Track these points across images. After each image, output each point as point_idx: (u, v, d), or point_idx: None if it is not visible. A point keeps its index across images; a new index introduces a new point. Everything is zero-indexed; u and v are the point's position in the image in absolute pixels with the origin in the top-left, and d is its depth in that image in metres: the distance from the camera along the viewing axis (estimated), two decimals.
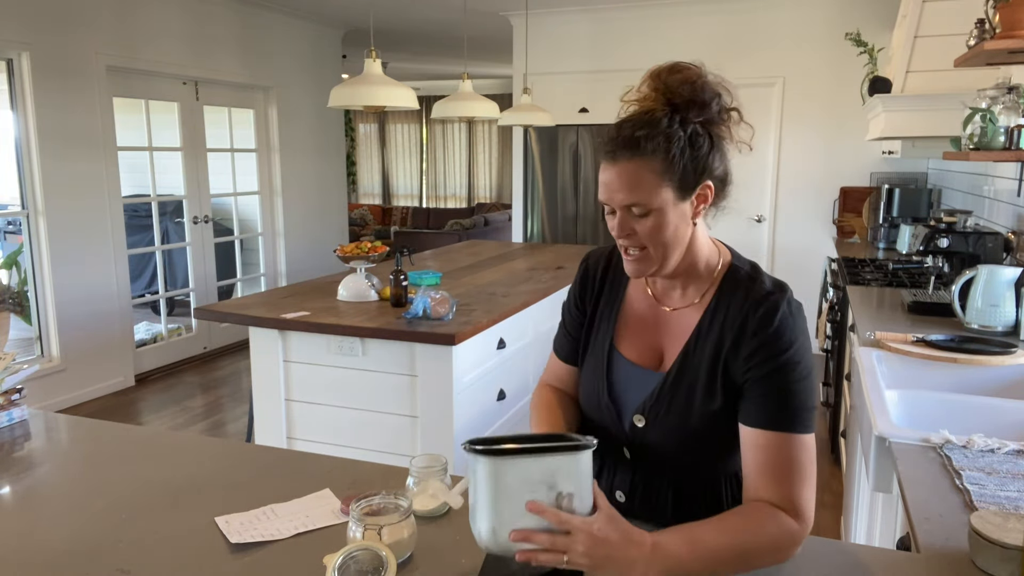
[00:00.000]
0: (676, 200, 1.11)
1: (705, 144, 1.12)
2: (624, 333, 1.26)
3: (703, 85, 1.14)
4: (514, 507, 0.95)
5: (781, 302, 1.12)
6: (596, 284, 1.31)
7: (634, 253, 1.15)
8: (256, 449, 1.56)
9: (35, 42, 4.40)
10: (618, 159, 1.10)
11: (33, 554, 1.11)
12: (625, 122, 1.12)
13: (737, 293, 1.15)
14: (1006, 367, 2.02)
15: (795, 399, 1.08)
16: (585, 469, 0.98)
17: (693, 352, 1.17)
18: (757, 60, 5.82)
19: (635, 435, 1.21)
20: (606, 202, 1.13)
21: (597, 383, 1.25)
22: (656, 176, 1.09)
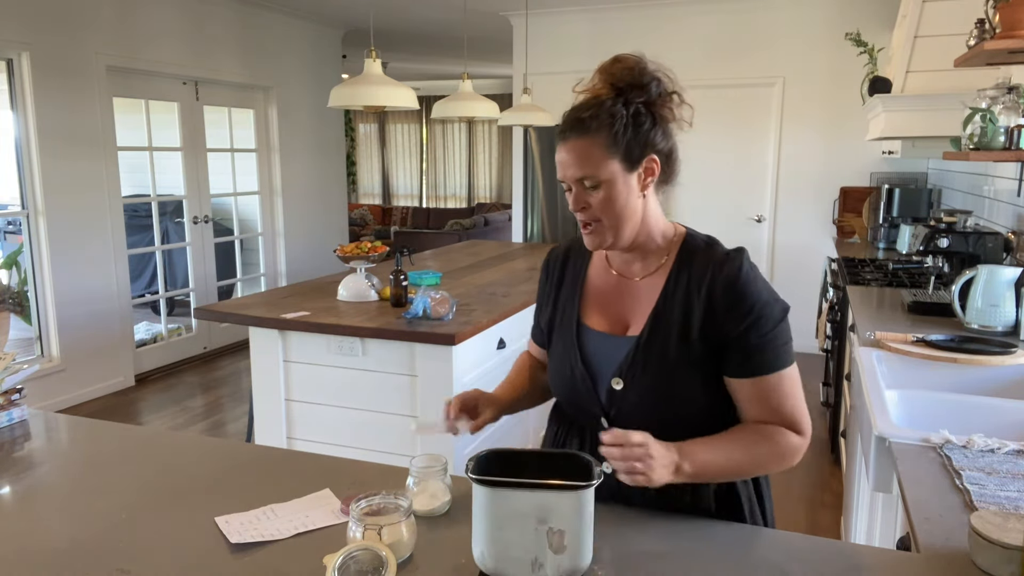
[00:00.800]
0: (624, 172, 1.22)
1: (647, 122, 1.24)
2: (589, 308, 1.36)
3: (642, 71, 1.25)
4: (505, 535, 0.97)
5: (742, 261, 1.24)
6: (557, 274, 1.43)
7: (591, 226, 1.26)
8: (256, 449, 1.56)
9: (35, 42, 4.40)
10: (568, 138, 1.23)
11: (33, 554, 1.11)
12: (574, 107, 1.25)
13: (697, 257, 1.27)
14: (1006, 367, 2.02)
15: (774, 343, 1.22)
16: (579, 508, 0.98)
17: (662, 313, 1.26)
18: (757, 60, 5.82)
19: (613, 400, 1.28)
20: (561, 179, 1.25)
21: (569, 356, 1.33)
22: (603, 150, 1.20)
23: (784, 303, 1.25)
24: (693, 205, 6.25)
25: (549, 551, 0.97)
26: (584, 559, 1.00)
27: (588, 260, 1.40)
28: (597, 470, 1.01)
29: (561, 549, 0.97)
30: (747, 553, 1.10)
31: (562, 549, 0.97)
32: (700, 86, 6.03)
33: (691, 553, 1.11)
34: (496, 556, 0.99)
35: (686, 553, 1.11)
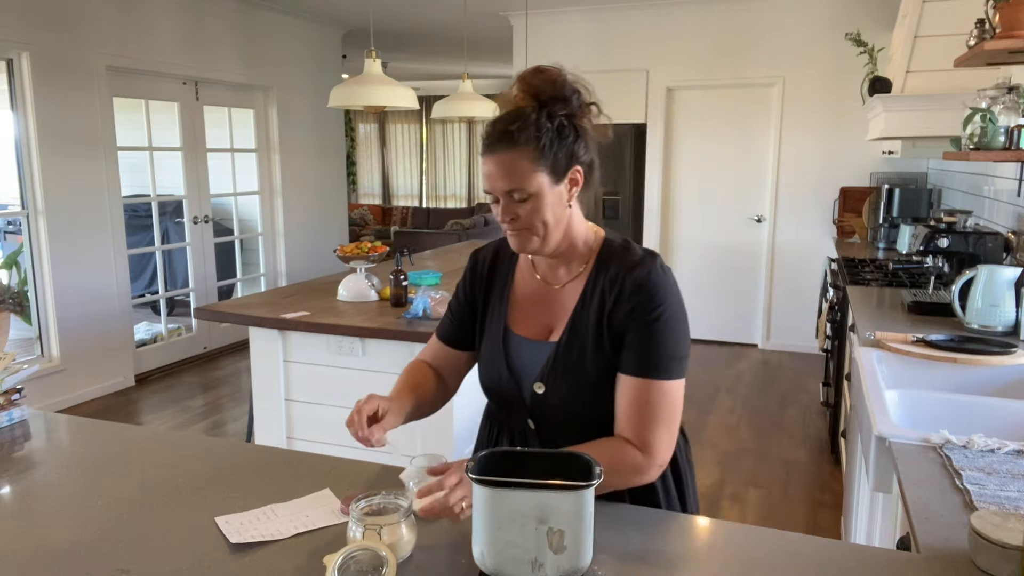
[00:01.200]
0: (551, 184, 1.24)
1: (571, 134, 1.26)
2: (516, 314, 1.39)
3: (563, 83, 1.27)
4: (505, 535, 0.97)
5: (652, 265, 1.26)
6: (485, 275, 1.44)
7: (518, 232, 1.27)
8: (256, 449, 1.56)
9: (35, 42, 4.40)
10: (496, 151, 1.23)
11: (33, 554, 1.11)
12: (499, 119, 1.26)
13: (613, 261, 1.30)
14: (1006, 367, 2.02)
15: (660, 349, 1.23)
16: (579, 508, 0.98)
17: (579, 318, 1.30)
18: (757, 60, 5.82)
19: (536, 403, 1.33)
20: (489, 191, 1.26)
21: (496, 360, 1.37)
22: (530, 163, 1.22)
23: (685, 317, 1.27)
24: (693, 205, 6.26)
25: (549, 551, 0.97)
26: (584, 559, 1.00)
27: (515, 265, 1.43)
28: (597, 470, 1.01)
29: (561, 549, 0.97)
30: (747, 553, 1.10)
31: (562, 549, 0.97)
32: (700, 86, 6.04)
33: (691, 553, 1.11)
34: (496, 556, 0.99)
35: (686, 553, 1.11)
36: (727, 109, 6.00)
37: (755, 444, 4.05)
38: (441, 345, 1.49)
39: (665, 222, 6.33)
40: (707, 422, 4.39)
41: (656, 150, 6.19)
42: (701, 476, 3.65)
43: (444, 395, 1.48)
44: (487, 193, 1.27)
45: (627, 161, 6.25)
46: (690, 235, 6.28)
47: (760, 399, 4.83)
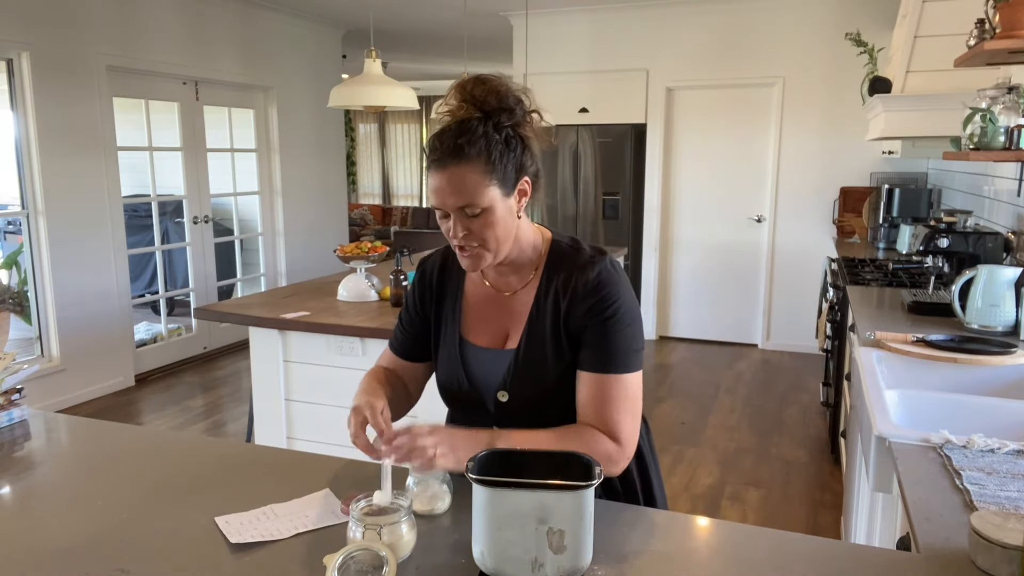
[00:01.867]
0: (502, 197, 1.23)
1: (518, 145, 1.24)
2: (469, 323, 1.38)
3: (506, 92, 1.25)
4: (505, 535, 0.97)
5: (603, 264, 1.27)
6: (434, 286, 1.42)
7: (470, 250, 1.25)
8: (256, 449, 1.56)
9: (35, 42, 4.40)
10: (446, 165, 1.20)
11: (33, 554, 1.11)
12: (445, 131, 1.23)
13: (563, 264, 1.30)
14: (1006, 367, 2.02)
15: (617, 345, 1.24)
16: (579, 508, 0.98)
17: (536, 323, 1.30)
18: (757, 60, 5.82)
19: (500, 411, 1.33)
20: (439, 207, 1.23)
21: (455, 372, 1.37)
22: (481, 177, 1.20)
23: (638, 312, 1.29)
24: (693, 205, 6.26)
25: (549, 551, 0.97)
26: (584, 559, 1.00)
27: (464, 274, 1.41)
28: (597, 470, 1.01)
29: (561, 549, 0.97)
30: (747, 553, 1.10)
31: (562, 549, 0.97)
32: (700, 86, 6.04)
33: (691, 553, 1.11)
34: (496, 556, 0.99)
35: (686, 553, 1.11)
36: (727, 109, 6.00)
37: (755, 444, 4.05)
38: (394, 357, 1.47)
39: (665, 222, 6.33)
40: (707, 422, 4.39)
41: (656, 150, 6.19)
42: (701, 476, 3.66)
43: (407, 402, 1.46)
44: (436, 209, 1.25)
45: (627, 161, 6.25)
46: (690, 235, 6.28)
47: (760, 399, 4.83)
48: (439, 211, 1.25)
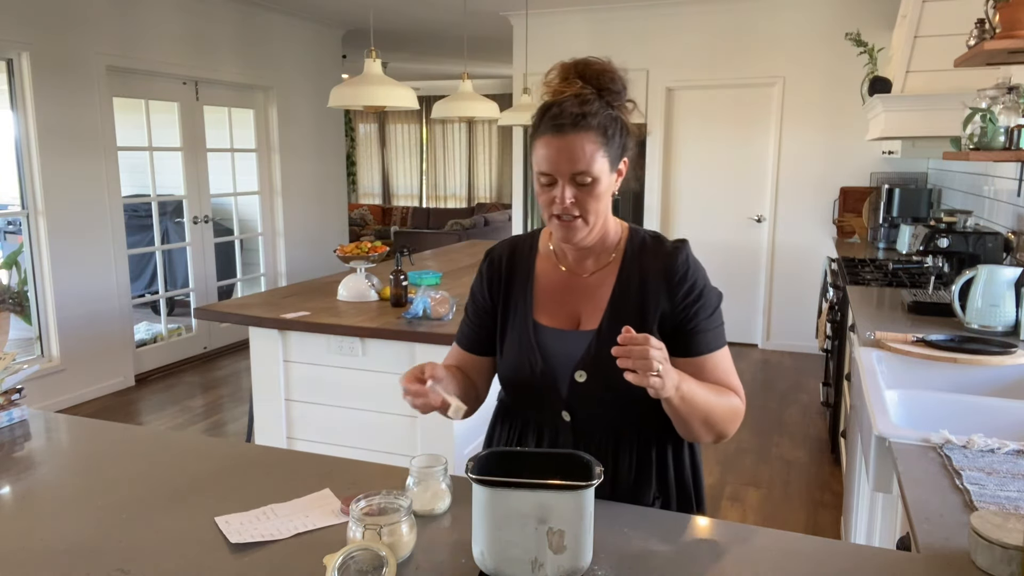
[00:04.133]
0: (608, 172, 1.27)
1: (622, 126, 1.29)
2: (540, 306, 1.38)
3: (617, 76, 1.29)
4: (505, 535, 0.97)
5: (688, 251, 1.34)
6: (503, 272, 1.42)
7: (568, 219, 1.27)
8: (256, 449, 1.56)
9: (35, 42, 4.40)
10: (566, 132, 1.22)
11: (33, 554, 1.11)
12: (567, 101, 1.25)
13: (646, 251, 1.35)
14: (1006, 367, 2.02)
15: (717, 325, 1.33)
16: (580, 508, 0.98)
17: (619, 306, 1.32)
18: (757, 60, 5.82)
19: (574, 393, 1.32)
20: (550, 172, 1.25)
21: (527, 354, 1.35)
22: (597, 148, 1.23)
23: (719, 290, 1.36)
24: (693, 205, 6.26)
25: (549, 551, 0.97)
26: (584, 559, 1.00)
27: (534, 259, 1.42)
28: (597, 470, 1.00)
29: (561, 549, 0.97)
30: (747, 553, 1.10)
31: (562, 549, 0.97)
32: (700, 86, 6.04)
33: (691, 553, 1.11)
34: (496, 556, 0.99)
35: (686, 553, 1.11)
36: (727, 109, 6.00)
37: (755, 444, 4.05)
38: (462, 352, 1.47)
39: (665, 222, 6.33)
40: None
41: (656, 150, 6.19)
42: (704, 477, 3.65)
43: (476, 399, 1.46)
44: (543, 175, 1.26)
45: None
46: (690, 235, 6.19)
47: (760, 399, 4.83)
48: (545, 178, 1.26)
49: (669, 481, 1.38)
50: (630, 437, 1.34)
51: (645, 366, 1.09)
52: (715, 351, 1.32)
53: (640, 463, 1.34)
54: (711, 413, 1.25)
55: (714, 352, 1.32)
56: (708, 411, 1.25)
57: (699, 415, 1.24)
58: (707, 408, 1.24)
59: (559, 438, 1.36)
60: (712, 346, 1.31)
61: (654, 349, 1.10)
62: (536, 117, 1.28)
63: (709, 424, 1.26)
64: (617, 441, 1.34)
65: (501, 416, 1.48)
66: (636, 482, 1.34)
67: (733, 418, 1.30)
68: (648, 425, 1.34)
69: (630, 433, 1.34)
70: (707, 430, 1.27)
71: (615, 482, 1.33)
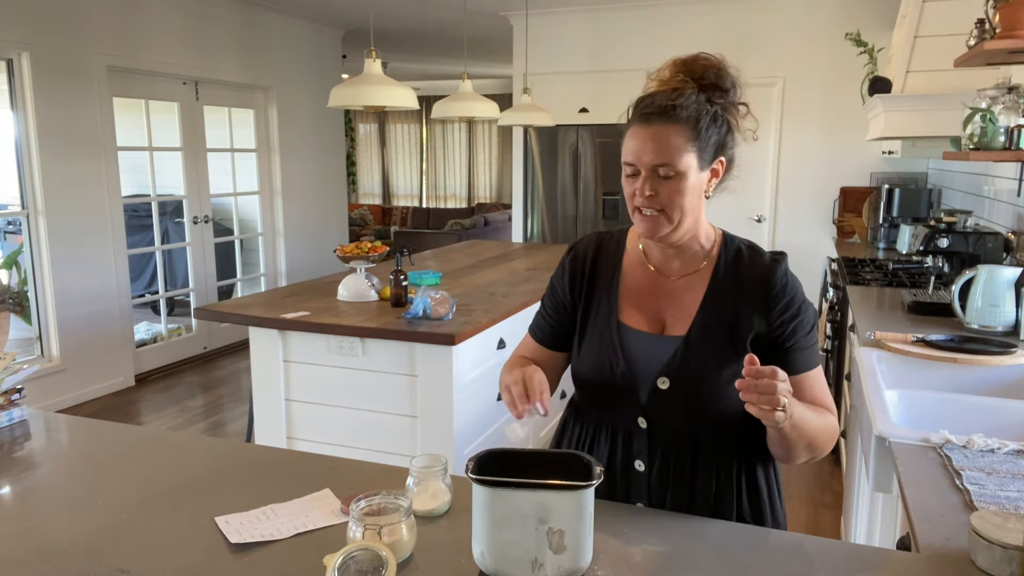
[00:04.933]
0: (697, 168, 1.22)
1: (724, 124, 1.26)
2: (626, 306, 1.33)
3: (726, 73, 1.28)
4: (505, 535, 0.97)
5: (786, 265, 1.30)
6: (587, 268, 1.38)
7: (650, 213, 1.23)
8: (256, 449, 1.56)
9: (35, 42, 4.40)
10: (652, 122, 1.20)
11: (33, 554, 1.11)
12: (659, 93, 1.24)
13: (742, 260, 1.30)
14: (1006, 367, 2.02)
15: (813, 342, 1.28)
16: (580, 509, 0.98)
17: (709, 313, 1.27)
18: (757, 60, 5.81)
19: (654, 400, 1.27)
20: (634, 162, 1.22)
21: (609, 355, 1.30)
22: (685, 142, 1.20)
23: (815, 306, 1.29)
24: None
25: (549, 551, 0.97)
26: (584, 559, 1.00)
27: (621, 256, 1.37)
28: (597, 470, 1.00)
29: (561, 549, 0.97)
30: (747, 553, 1.10)
31: (562, 549, 0.97)
32: None
33: (691, 553, 1.11)
34: (496, 556, 0.99)
35: (686, 553, 1.11)
36: None
37: None
38: (538, 347, 1.42)
39: None
40: None
41: None
42: None
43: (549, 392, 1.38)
44: (627, 165, 1.23)
45: None
46: None
47: None
48: (628, 168, 1.23)
49: (759, 505, 1.30)
50: (710, 451, 1.28)
51: (771, 401, 1.05)
52: (812, 369, 1.27)
53: (720, 479, 1.28)
54: (815, 437, 1.21)
55: (812, 371, 1.27)
56: (814, 435, 1.21)
57: (805, 440, 1.20)
58: (813, 432, 1.20)
59: (633, 445, 1.30)
60: (809, 364, 1.27)
61: (781, 383, 1.05)
62: (630, 108, 1.26)
63: (811, 447, 1.22)
64: (695, 453, 1.28)
65: (573, 418, 1.42)
66: (717, 500, 1.28)
67: (831, 439, 1.25)
68: (728, 438, 1.28)
69: (709, 446, 1.28)
70: (808, 452, 1.23)
71: (692, 497, 1.28)
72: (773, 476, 1.34)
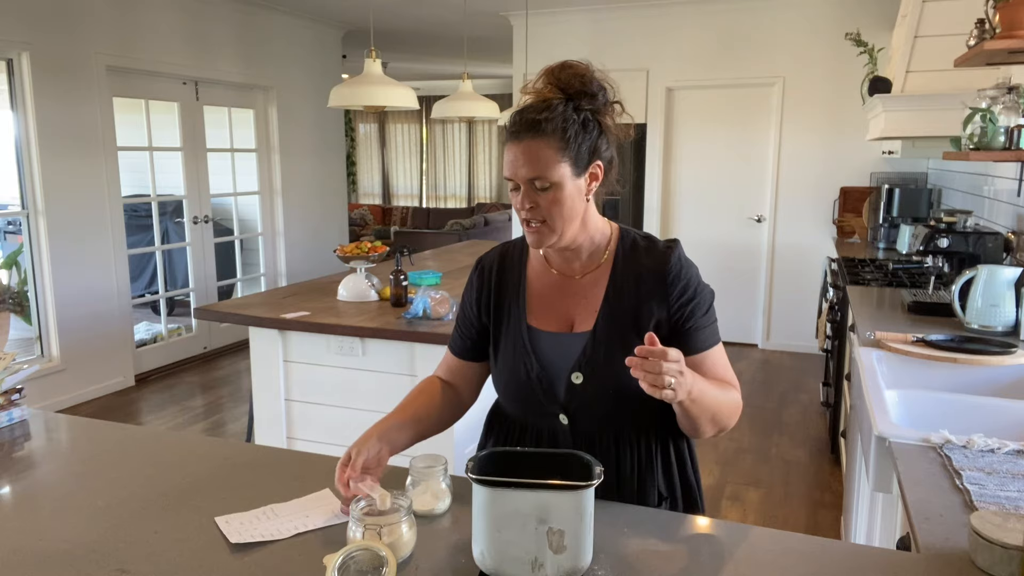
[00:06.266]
0: (572, 176, 1.26)
1: (595, 129, 1.29)
2: (534, 311, 1.38)
3: (591, 79, 1.31)
4: (505, 535, 0.97)
5: (680, 251, 1.34)
6: (493, 280, 1.43)
7: (535, 225, 1.28)
8: (256, 449, 1.56)
9: (35, 42, 4.40)
10: (522, 138, 1.24)
11: (33, 554, 1.11)
12: (527, 108, 1.28)
13: (638, 251, 1.35)
14: (1006, 367, 2.02)
15: (711, 321, 1.34)
16: (579, 508, 0.98)
17: (613, 307, 1.32)
18: (757, 60, 5.82)
19: (572, 396, 1.32)
20: (511, 178, 1.27)
21: (523, 359, 1.35)
22: (555, 153, 1.23)
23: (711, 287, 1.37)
24: (693, 205, 6.26)
25: (549, 551, 0.97)
26: (584, 559, 1.01)
27: (524, 264, 1.42)
28: (597, 470, 1.00)
29: (561, 549, 0.97)
30: (747, 553, 1.10)
31: (562, 549, 0.97)
32: (700, 86, 6.04)
33: (691, 553, 1.11)
34: (496, 556, 0.99)
35: (686, 553, 1.11)
36: (727, 109, 6.00)
37: (755, 444, 4.05)
38: (455, 359, 1.48)
39: (665, 222, 6.33)
40: None
41: (656, 150, 6.19)
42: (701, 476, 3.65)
43: (456, 411, 1.48)
44: (508, 180, 1.28)
45: (627, 161, 6.25)
46: (690, 235, 6.28)
47: (760, 399, 4.83)
48: (510, 183, 1.28)
49: (674, 479, 1.38)
50: (629, 436, 1.35)
51: (657, 380, 1.09)
52: (712, 347, 1.33)
53: (642, 462, 1.35)
54: (718, 410, 1.27)
55: (712, 348, 1.33)
56: (716, 409, 1.26)
57: (708, 414, 1.25)
58: (715, 406, 1.25)
59: (558, 442, 1.36)
60: (709, 343, 1.33)
61: (670, 363, 1.09)
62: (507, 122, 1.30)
63: (715, 421, 1.28)
64: (617, 441, 1.34)
65: (493, 423, 1.49)
66: (640, 481, 1.35)
67: (735, 412, 1.32)
68: (646, 423, 1.35)
69: (629, 432, 1.35)
70: (712, 426, 1.28)
71: (619, 483, 1.33)
72: (687, 452, 1.42)
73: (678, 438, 1.40)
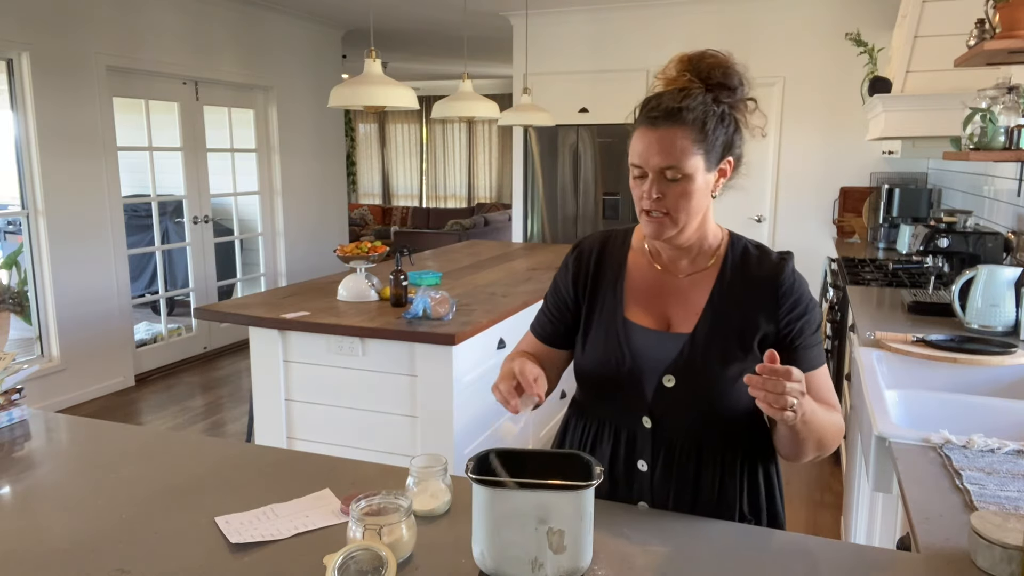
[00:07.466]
0: (704, 169, 1.21)
1: (731, 124, 1.24)
2: (631, 303, 1.32)
3: (733, 71, 1.26)
4: (505, 535, 0.97)
5: (792, 264, 1.29)
6: (592, 265, 1.37)
7: (657, 215, 1.23)
8: (256, 449, 1.56)
9: (35, 42, 4.39)
10: (659, 125, 1.19)
11: (33, 554, 1.11)
12: (666, 94, 1.22)
13: (749, 259, 1.29)
14: (1006, 367, 2.02)
15: (819, 341, 1.27)
16: (579, 508, 0.98)
17: (716, 312, 1.26)
18: (757, 60, 5.79)
19: (660, 398, 1.26)
20: (641, 165, 1.21)
21: (615, 351, 1.29)
22: (691, 144, 1.19)
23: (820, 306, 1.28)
24: None
25: (549, 551, 0.97)
26: (584, 559, 1.01)
27: (626, 254, 1.36)
28: (597, 470, 1.00)
29: (561, 549, 0.97)
30: (747, 553, 1.10)
31: (562, 549, 0.97)
32: None
33: (691, 553, 1.11)
34: (496, 556, 0.99)
35: (686, 553, 1.11)
36: None
37: None
38: (539, 345, 1.41)
39: None
40: None
41: None
42: None
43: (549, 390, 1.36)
44: (634, 167, 1.23)
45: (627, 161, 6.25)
46: None
47: None
48: (636, 170, 1.23)
49: (760, 504, 1.30)
50: (714, 450, 1.27)
51: (779, 401, 1.04)
52: (819, 367, 1.27)
53: (724, 480, 1.27)
54: (824, 434, 1.21)
55: (819, 368, 1.27)
56: (823, 432, 1.20)
57: (815, 437, 1.19)
58: (822, 429, 1.20)
59: (637, 444, 1.29)
60: (816, 363, 1.26)
61: (793, 383, 1.04)
62: (637, 109, 1.24)
63: (820, 444, 1.22)
64: (700, 454, 1.27)
65: (575, 417, 1.41)
66: (720, 499, 1.27)
67: (838, 436, 1.25)
68: (733, 439, 1.28)
69: (714, 446, 1.27)
70: (816, 450, 1.23)
71: (696, 499, 1.27)
72: (775, 475, 1.33)
73: (767, 460, 1.32)
